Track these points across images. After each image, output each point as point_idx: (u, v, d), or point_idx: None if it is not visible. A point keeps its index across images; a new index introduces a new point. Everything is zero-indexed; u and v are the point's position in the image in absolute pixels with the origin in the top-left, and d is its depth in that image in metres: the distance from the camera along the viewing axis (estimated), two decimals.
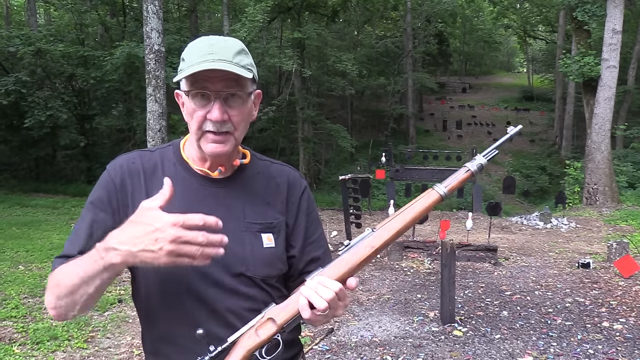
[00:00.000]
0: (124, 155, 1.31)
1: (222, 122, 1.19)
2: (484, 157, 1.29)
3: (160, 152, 1.33)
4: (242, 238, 1.24)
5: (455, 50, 41.90)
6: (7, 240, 8.30)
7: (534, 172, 23.59)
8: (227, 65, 1.16)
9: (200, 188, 1.26)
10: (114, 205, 1.23)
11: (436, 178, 14.35)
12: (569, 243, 9.26)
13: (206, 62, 1.15)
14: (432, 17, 27.98)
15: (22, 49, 15.15)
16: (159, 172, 1.27)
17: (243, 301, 1.23)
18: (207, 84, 1.17)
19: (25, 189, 15.76)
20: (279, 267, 1.29)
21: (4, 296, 5.48)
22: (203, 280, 1.20)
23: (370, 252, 1.16)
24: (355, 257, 1.15)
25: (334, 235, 9.73)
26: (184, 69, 1.19)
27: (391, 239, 1.18)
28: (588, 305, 5.47)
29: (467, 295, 5.87)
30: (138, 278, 1.26)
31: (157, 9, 8.30)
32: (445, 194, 1.23)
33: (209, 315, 1.21)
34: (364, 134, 28.26)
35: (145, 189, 1.24)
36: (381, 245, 1.17)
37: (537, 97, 36.22)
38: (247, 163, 1.32)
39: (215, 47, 1.18)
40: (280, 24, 20.33)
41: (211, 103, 1.19)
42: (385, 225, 1.18)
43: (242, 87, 1.21)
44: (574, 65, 14.69)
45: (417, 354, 4.16)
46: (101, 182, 1.27)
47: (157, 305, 1.23)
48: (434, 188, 1.23)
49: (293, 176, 1.38)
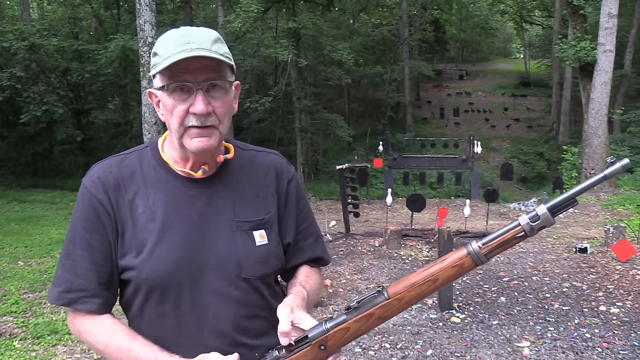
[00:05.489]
0: (99, 165, 1.24)
1: (207, 114, 1.13)
2: (549, 211, 0.99)
3: (137, 154, 1.26)
4: (234, 239, 1.19)
5: (451, 37, 41.78)
6: (5, 236, 8.32)
7: (532, 158, 23.59)
8: (207, 52, 1.10)
9: (185, 190, 1.20)
10: (105, 223, 1.18)
11: (433, 166, 14.39)
12: (566, 228, 9.28)
13: (185, 52, 1.09)
14: (427, 4, 27.83)
15: (15, 44, 15.08)
16: (137, 177, 1.21)
17: (237, 308, 1.19)
18: (187, 76, 1.11)
19: (23, 185, 15.76)
20: (274, 264, 1.26)
21: (4, 292, 5.51)
22: (198, 287, 1.17)
23: (374, 325, 1.07)
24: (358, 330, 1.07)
25: (332, 224, 9.75)
26: (159, 62, 1.12)
27: (401, 309, 1.06)
28: (585, 289, 5.50)
29: (465, 282, 5.89)
30: (129, 285, 1.20)
31: (149, 1, 8.26)
32: (477, 253, 1.02)
33: (203, 324, 1.17)
34: (361, 123, 28.23)
35: (126, 197, 1.19)
36: (389, 316, 1.07)
37: (534, 83, 36.14)
38: (231, 158, 1.25)
39: (190, 37, 1.12)
40: (275, 13, 20.22)
41: (192, 96, 1.12)
42: (398, 296, 1.05)
43: (223, 76, 1.15)
44: (570, 50, 14.64)
45: (415, 341, 4.19)
46: (83, 201, 1.20)
47: (148, 314, 1.20)
48: (468, 245, 1.02)
49: (280, 165, 1.32)
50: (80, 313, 1.18)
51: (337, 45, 17.89)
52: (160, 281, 1.16)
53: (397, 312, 1.06)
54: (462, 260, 1.03)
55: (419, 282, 1.04)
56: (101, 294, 1.18)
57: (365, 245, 7.98)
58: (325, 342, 1.06)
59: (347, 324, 1.05)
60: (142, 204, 1.18)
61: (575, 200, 1.00)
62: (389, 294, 1.05)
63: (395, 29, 27.85)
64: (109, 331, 1.16)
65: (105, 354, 1.16)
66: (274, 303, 1.21)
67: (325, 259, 1.38)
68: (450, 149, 17.39)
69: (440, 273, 1.03)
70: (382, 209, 11.43)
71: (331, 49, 17.96)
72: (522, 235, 1.01)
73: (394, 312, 1.05)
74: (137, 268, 1.16)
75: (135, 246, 1.16)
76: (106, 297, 1.19)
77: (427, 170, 14.69)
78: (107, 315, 1.19)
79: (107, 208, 1.18)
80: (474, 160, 14.38)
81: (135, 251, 1.16)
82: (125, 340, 1.13)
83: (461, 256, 1.03)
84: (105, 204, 1.18)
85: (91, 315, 1.18)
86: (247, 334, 1.19)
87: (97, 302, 1.17)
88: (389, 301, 1.04)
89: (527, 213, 1.01)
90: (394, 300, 1.04)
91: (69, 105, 17.49)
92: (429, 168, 14.55)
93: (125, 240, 1.17)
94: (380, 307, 1.04)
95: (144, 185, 1.20)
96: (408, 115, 27.22)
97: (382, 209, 11.43)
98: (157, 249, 1.15)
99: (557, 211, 0.99)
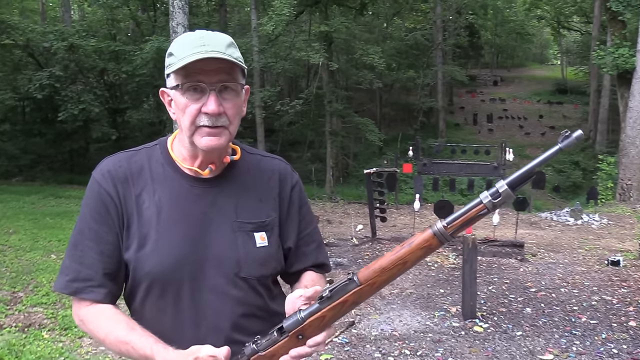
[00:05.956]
0: (109, 159, 1.27)
1: (218, 115, 1.16)
2: (508, 186, 1.00)
3: (147, 151, 1.29)
4: (235, 238, 1.22)
5: (486, 43, 41.15)
6: (40, 230, 8.57)
7: (567, 167, 23.05)
8: (222, 55, 1.14)
9: (191, 189, 1.23)
10: (112, 215, 1.21)
11: (464, 172, 14.21)
12: (599, 240, 9.04)
13: (201, 53, 1.13)
14: (462, 9, 27.54)
15: (56, 44, 15.57)
16: (145, 174, 1.24)
17: (235, 306, 1.21)
18: (201, 77, 1.14)
19: (60, 181, 16.23)
20: (273, 266, 1.28)
21: (36, 283, 5.68)
22: (198, 284, 1.20)
23: (348, 311, 1.08)
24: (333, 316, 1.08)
25: (359, 228, 9.73)
26: (175, 62, 1.16)
27: (373, 292, 1.08)
28: (615, 303, 5.34)
29: (491, 291, 5.80)
30: (131, 278, 1.23)
31: (182, 4, 8.43)
32: (442, 233, 1.02)
33: (201, 320, 1.20)
34: (393, 127, 28.11)
35: (133, 192, 1.23)
36: (363, 301, 1.09)
37: (571, 90, 35.34)
38: (237, 159, 1.29)
39: (206, 40, 1.16)
40: (309, 17, 20.31)
41: (205, 96, 1.15)
42: (370, 281, 1.06)
43: (235, 79, 1.19)
44: (608, 57, 14.28)
45: (435, 349, 4.14)
46: (93, 193, 1.23)
47: (149, 308, 1.23)
48: (432, 225, 1.04)
49: (284, 170, 1.35)
50: (85, 302, 1.22)
51: (369, 49, 17.84)
52: (161, 276, 1.19)
53: (369, 296, 1.08)
54: (429, 242, 1.03)
55: (389, 266, 1.05)
56: (106, 285, 1.21)
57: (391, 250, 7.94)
58: (302, 331, 1.08)
59: (322, 312, 1.07)
60: (148, 199, 1.22)
61: (533, 173, 1.01)
62: (360, 280, 1.06)
63: (429, 33, 27.63)
64: (110, 321, 1.19)
65: (105, 343, 1.20)
66: (272, 304, 1.24)
67: (328, 265, 1.40)
68: (481, 155, 17.15)
69: (408, 256, 1.04)
70: (410, 214, 11.34)
71: (363, 53, 17.92)
72: (485, 212, 1.02)
73: (366, 296, 1.08)
74: (139, 261, 1.19)
75: (138, 240, 1.20)
76: (111, 288, 1.22)
77: (458, 177, 14.51)
78: (110, 306, 1.22)
79: (115, 200, 1.21)
80: (506, 168, 14.13)
81: (139, 244, 1.20)
82: (124, 330, 1.17)
83: (427, 237, 1.03)
84: (113, 197, 1.21)
85: (95, 305, 1.21)
86: (243, 333, 1.21)
87: (102, 292, 1.21)
88: (361, 287, 1.06)
89: (488, 190, 1.02)
90: (365, 286, 1.06)
91: (104, 104, 17.96)
92: (459, 174, 14.37)
93: (130, 233, 1.21)
94: (353, 294, 1.06)
95: (151, 182, 1.24)
96: (440, 120, 26.97)
97: (410, 214, 11.34)
98: (160, 243, 1.19)
99: (516, 186, 1.01)
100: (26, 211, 10.64)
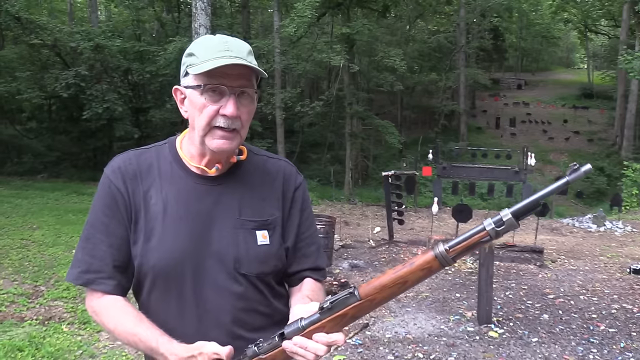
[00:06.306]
0: (120, 157, 1.32)
1: (235, 118, 1.21)
2: (513, 215, 0.98)
3: (156, 149, 1.34)
4: (237, 236, 1.25)
5: (510, 46, 40.69)
6: (63, 226, 8.74)
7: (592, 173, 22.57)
8: (246, 62, 1.18)
9: (197, 186, 1.27)
10: (122, 210, 1.26)
11: (484, 176, 14.05)
12: (622, 247, 8.88)
13: (226, 58, 1.17)
14: (486, 12, 27.26)
15: (82, 44, 15.87)
16: (154, 171, 1.29)
17: (236, 301, 1.25)
18: (224, 80, 1.19)
19: (83, 178, 16.51)
20: (274, 264, 1.30)
21: (57, 278, 5.80)
22: (200, 279, 1.23)
23: (347, 323, 1.09)
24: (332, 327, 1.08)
25: (377, 231, 9.72)
26: (197, 63, 1.19)
27: (373, 308, 1.09)
28: (636, 312, 5.24)
29: (508, 297, 5.74)
30: (138, 272, 1.27)
31: (205, 5, 8.52)
32: (444, 256, 1.02)
33: (203, 314, 1.24)
34: (414, 130, 27.96)
35: (141, 188, 1.27)
36: (362, 315, 1.09)
37: (597, 95, 34.72)
38: (243, 159, 1.33)
39: (229, 45, 1.20)
40: (331, 19, 20.35)
41: (224, 99, 1.20)
42: (370, 297, 1.06)
43: (253, 86, 1.23)
44: (635, 62, 14.00)
45: (449, 353, 4.12)
46: (104, 188, 1.28)
47: (154, 301, 1.27)
48: (434, 248, 1.04)
49: (289, 171, 1.38)
50: (96, 294, 1.26)
51: (390, 52, 17.79)
52: (165, 269, 1.23)
53: (368, 311, 1.08)
54: (430, 264, 1.03)
55: (389, 284, 1.05)
56: (116, 277, 1.26)
57: (408, 253, 7.91)
58: None
59: (322, 323, 1.08)
60: (156, 196, 1.26)
61: (538, 204, 0.99)
62: (361, 295, 1.06)
63: (453, 36, 27.44)
64: (120, 313, 1.23)
65: (115, 334, 1.25)
66: (275, 302, 1.27)
67: (325, 270, 1.43)
68: (502, 160, 16.95)
69: (409, 275, 1.05)
70: (428, 217, 11.28)
71: (384, 55, 17.88)
72: (487, 239, 1.01)
73: (365, 312, 1.08)
74: (145, 255, 1.23)
75: (145, 234, 1.24)
76: (121, 280, 1.27)
77: (478, 181, 14.36)
78: (121, 298, 1.27)
79: (125, 196, 1.26)
80: (527, 173, 13.94)
81: (145, 239, 1.24)
82: (132, 322, 1.21)
83: (429, 259, 1.03)
84: (123, 192, 1.26)
85: (106, 297, 1.26)
86: (244, 327, 1.24)
87: (112, 283, 1.25)
88: (361, 302, 1.07)
89: (492, 217, 1.00)
90: (365, 301, 1.07)
91: (128, 103, 18.24)
92: (479, 179, 14.21)
93: (138, 227, 1.25)
94: (353, 308, 1.07)
95: (159, 179, 1.28)
96: (462, 124, 26.74)
97: (428, 217, 11.28)
98: (165, 238, 1.23)
99: (521, 216, 0.99)
100: (50, 207, 10.86)
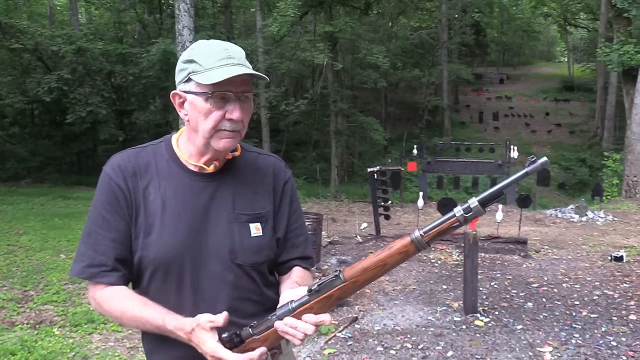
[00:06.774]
0: (119, 155, 1.39)
1: (239, 121, 1.29)
2: (479, 203, 1.11)
3: (153, 148, 1.41)
4: (232, 228, 1.33)
5: (492, 41, 41.08)
6: (50, 231, 8.71)
7: (574, 164, 23.02)
8: (251, 70, 1.28)
9: (193, 183, 1.35)
10: (123, 206, 1.32)
11: (468, 170, 14.24)
12: (604, 236, 9.06)
13: (230, 66, 1.26)
14: (468, 7, 27.54)
15: (64, 48, 15.76)
16: (152, 168, 1.36)
17: (231, 290, 1.33)
18: (229, 87, 1.26)
19: (68, 182, 16.41)
20: (267, 254, 1.39)
21: (46, 282, 5.80)
22: (198, 270, 1.31)
23: (333, 304, 1.18)
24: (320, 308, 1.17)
25: (363, 227, 9.80)
26: (201, 71, 1.26)
27: (356, 290, 1.18)
28: (617, 298, 5.39)
29: (493, 287, 5.86)
30: (137, 264, 1.33)
31: (188, 7, 8.54)
32: (419, 240, 1.12)
33: (200, 303, 1.31)
34: (398, 126, 28.16)
35: (140, 185, 1.34)
36: (346, 297, 1.18)
37: (577, 87, 35.25)
38: (237, 155, 1.41)
39: (230, 52, 1.29)
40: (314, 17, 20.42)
41: (229, 104, 1.28)
42: (353, 279, 1.16)
43: (251, 89, 1.33)
44: (613, 54, 14.28)
45: (437, 342, 4.22)
46: (104, 185, 1.35)
47: (153, 292, 1.34)
48: (411, 233, 1.14)
49: (278, 166, 1.47)
50: (100, 286, 1.33)
51: (373, 49, 17.90)
52: (165, 262, 1.30)
53: (352, 293, 1.18)
54: (407, 247, 1.14)
55: (371, 267, 1.15)
56: (119, 269, 1.32)
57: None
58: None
59: (311, 304, 1.17)
60: (154, 192, 1.33)
61: (502, 193, 1.11)
62: (345, 278, 1.16)
63: (435, 32, 27.66)
64: (125, 299, 1.30)
65: (122, 320, 1.32)
66: (267, 290, 1.36)
67: (313, 259, 1.52)
68: (486, 153, 17.16)
69: (388, 259, 1.15)
70: (414, 212, 11.39)
71: (367, 52, 17.99)
72: (458, 224, 1.12)
73: (349, 293, 1.17)
74: (145, 249, 1.31)
75: (145, 229, 1.32)
76: (123, 272, 1.34)
77: (462, 175, 14.55)
78: (124, 287, 1.34)
79: (125, 192, 1.33)
80: (511, 166, 14.16)
81: (145, 233, 1.31)
82: (138, 307, 1.28)
83: (406, 243, 1.14)
84: (123, 189, 1.33)
85: (109, 287, 1.32)
86: (239, 315, 1.31)
87: (115, 275, 1.32)
88: (346, 284, 1.15)
89: (461, 205, 1.11)
90: (349, 283, 1.15)
91: (112, 106, 18.15)
92: (464, 172, 14.41)
93: (138, 223, 1.32)
94: (339, 289, 1.16)
95: (157, 176, 1.35)
96: (446, 119, 27.00)
97: (414, 212, 11.39)
98: (164, 233, 1.30)
99: (486, 203, 1.10)
100: (35, 212, 10.80)
